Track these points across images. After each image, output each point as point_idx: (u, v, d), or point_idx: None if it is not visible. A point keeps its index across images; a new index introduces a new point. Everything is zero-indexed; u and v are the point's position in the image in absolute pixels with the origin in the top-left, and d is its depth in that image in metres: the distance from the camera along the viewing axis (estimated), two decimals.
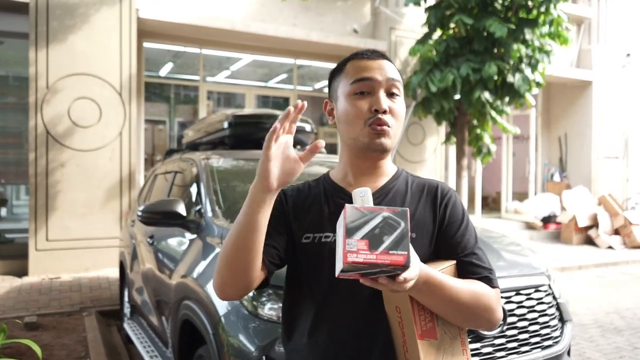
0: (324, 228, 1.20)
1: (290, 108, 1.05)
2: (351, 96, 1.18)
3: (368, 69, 1.18)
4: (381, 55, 1.22)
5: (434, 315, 1.10)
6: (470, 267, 1.18)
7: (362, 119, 1.16)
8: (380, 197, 1.20)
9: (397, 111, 1.18)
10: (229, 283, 1.14)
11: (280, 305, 2.02)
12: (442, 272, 1.10)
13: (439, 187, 1.26)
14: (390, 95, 1.18)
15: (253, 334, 2.00)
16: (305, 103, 1.05)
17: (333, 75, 1.27)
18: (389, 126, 1.16)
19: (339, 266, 0.91)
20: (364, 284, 0.94)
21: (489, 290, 1.15)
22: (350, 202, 1.09)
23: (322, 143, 1.06)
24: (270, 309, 2.03)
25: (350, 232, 0.90)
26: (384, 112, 1.15)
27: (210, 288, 2.31)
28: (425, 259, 1.14)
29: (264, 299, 2.06)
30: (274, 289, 2.05)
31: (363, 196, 1.05)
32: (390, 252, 0.89)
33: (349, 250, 0.89)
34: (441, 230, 1.21)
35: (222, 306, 2.17)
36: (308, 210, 1.24)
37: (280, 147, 1.06)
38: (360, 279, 0.94)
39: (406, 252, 0.90)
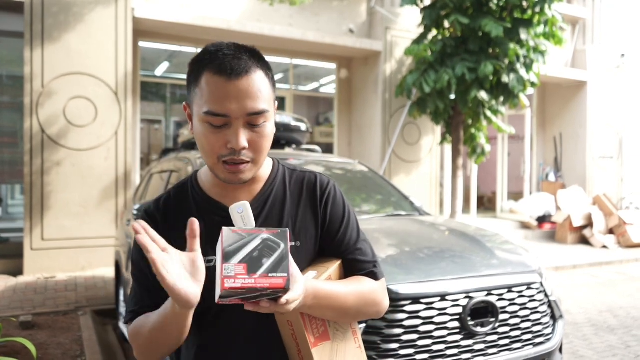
0: (203, 252, 1.04)
1: (139, 230, 0.89)
2: (204, 124, 1.01)
3: (224, 98, 0.98)
4: (246, 70, 1.00)
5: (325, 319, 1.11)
6: (355, 264, 1.16)
7: (216, 154, 1.02)
8: (259, 207, 1.11)
9: (259, 142, 1.04)
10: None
11: None
12: (328, 274, 1.09)
13: (318, 182, 1.18)
14: (253, 125, 1.02)
15: None
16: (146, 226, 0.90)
17: (189, 78, 1.07)
18: (247, 162, 1.04)
19: (217, 292, 0.87)
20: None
21: (374, 285, 1.15)
22: (228, 217, 1.04)
23: (196, 224, 0.92)
24: None
25: (227, 257, 0.86)
26: (242, 149, 1.01)
27: None
28: (310, 262, 1.14)
29: None
30: None
31: (242, 212, 1.01)
32: (270, 275, 0.86)
33: (226, 276, 0.85)
34: (323, 229, 1.16)
35: None
36: (182, 232, 1.04)
37: (174, 263, 0.90)
38: (242, 304, 0.89)
39: (286, 274, 0.87)
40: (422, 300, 2.13)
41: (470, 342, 2.15)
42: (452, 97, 7.67)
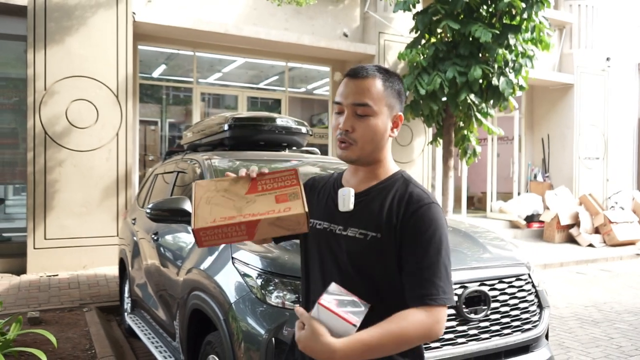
0: (321, 216, 1.41)
1: None
2: (334, 113, 1.38)
3: (344, 92, 1.32)
4: (365, 75, 1.31)
5: None
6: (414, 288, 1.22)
7: (334, 134, 1.36)
8: (360, 197, 1.35)
9: (360, 129, 1.29)
10: None
11: (285, 293, 2.22)
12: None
13: (414, 197, 1.28)
14: (360, 115, 1.30)
15: (262, 318, 2.18)
16: None
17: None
18: (350, 143, 1.31)
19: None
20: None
21: (421, 317, 1.16)
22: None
23: None
24: (277, 297, 2.21)
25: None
26: (346, 131, 1.31)
27: (219, 278, 2.50)
28: (394, 255, 1.25)
29: (271, 287, 2.25)
30: (279, 278, 2.24)
31: (345, 195, 1.34)
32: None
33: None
34: (402, 234, 1.25)
35: (232, 294, 2.35)
36: (318, 196, 1.47)
37: None
38: None
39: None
40: None
41: (465, 327, 2.35)
42: (444, 99, 7.89)
